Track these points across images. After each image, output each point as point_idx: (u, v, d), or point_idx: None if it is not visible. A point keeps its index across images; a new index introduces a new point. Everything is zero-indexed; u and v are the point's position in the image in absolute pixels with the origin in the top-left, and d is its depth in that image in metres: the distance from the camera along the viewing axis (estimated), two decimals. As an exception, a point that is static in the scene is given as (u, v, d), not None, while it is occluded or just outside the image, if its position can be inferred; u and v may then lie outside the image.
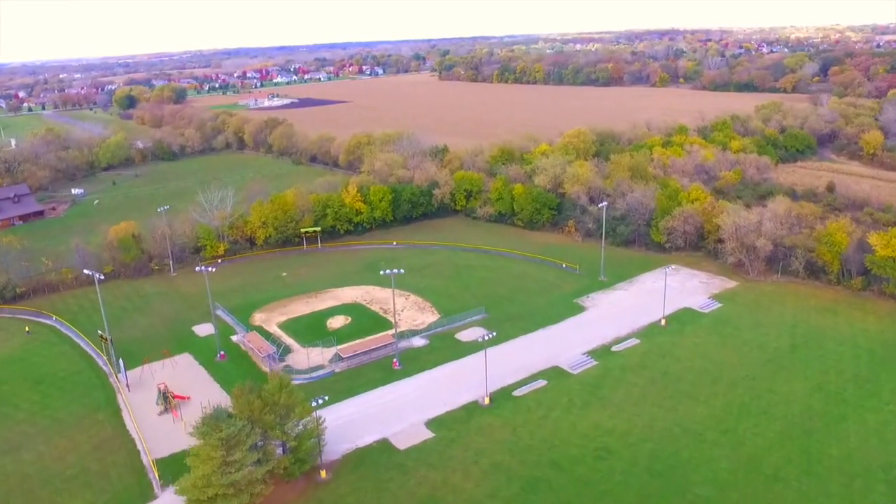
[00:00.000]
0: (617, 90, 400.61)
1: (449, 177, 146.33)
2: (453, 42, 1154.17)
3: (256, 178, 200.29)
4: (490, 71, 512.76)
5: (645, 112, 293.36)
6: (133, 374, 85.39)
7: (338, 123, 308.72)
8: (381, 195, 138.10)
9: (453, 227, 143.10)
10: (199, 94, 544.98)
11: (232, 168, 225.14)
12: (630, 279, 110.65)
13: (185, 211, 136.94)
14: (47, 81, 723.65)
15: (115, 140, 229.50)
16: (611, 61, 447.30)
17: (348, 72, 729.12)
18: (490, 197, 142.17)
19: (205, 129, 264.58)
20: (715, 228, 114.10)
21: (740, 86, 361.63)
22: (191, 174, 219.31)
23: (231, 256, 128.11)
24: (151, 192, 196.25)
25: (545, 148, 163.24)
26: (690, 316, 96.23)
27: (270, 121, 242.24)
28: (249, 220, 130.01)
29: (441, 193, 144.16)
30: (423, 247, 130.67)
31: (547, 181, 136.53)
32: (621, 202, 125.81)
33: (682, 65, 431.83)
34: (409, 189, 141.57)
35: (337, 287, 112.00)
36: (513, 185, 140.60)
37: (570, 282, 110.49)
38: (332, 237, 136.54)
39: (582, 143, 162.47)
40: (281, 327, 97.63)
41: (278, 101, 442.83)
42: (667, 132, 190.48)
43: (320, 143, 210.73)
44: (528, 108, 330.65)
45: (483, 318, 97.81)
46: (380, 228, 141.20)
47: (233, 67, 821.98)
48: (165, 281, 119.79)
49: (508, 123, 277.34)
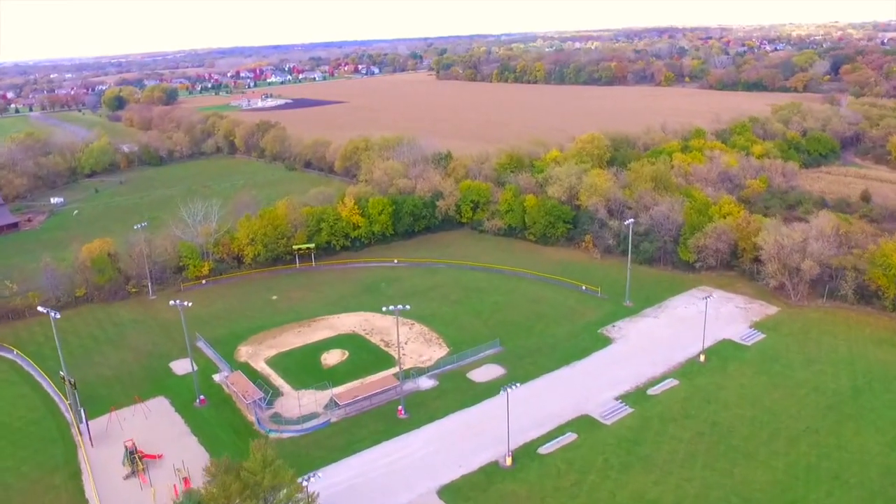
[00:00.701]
0: (621, 90, 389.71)
1: (454, 187, 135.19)
2: (450, 40, 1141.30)
3: (246, 187, 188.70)
4: (489, 70, 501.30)
5: (653, 113, 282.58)
6: (99, 423, 74.08)
7: (333, 125, 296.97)
8: (381, 207, 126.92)
9: (459, 241, 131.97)
10: (191, 95, 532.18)
11: (221, 174, 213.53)
12: (658, 304, 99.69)
13: (169, 225, 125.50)
14: (37, 82, 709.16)
15: (99, 145, 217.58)
16: (613, 60, 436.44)
17: (344, 71, 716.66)
18: (499, 209, 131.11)
19: (194, 133, 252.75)
20: (751, 247, 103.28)
21: (749, 85, 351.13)
22: (178, 181, 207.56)
23: (216, 277, 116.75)
24: (136, 200, 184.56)
25: (556, 154, 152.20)
26: (732, 350, 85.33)
27: (262, 124, 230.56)
28: (236, 236, 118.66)
29: (445, 205, 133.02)
30: (426, 265, 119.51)
31: (561, 192, 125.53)
32: (644, 216, 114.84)
33: (686, 63, 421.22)
34: (411, 200, 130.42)
35: (332, 314, 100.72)
36: (524, 195, 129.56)
37: (593, 307, 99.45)
38: (327, 254, 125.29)
39: (596, 149, 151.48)
40: (269, 364, 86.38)
41: (272, 102, 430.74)
42: (683, 136, 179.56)
43: (315, 148, 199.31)
44: (531, 109, 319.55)
45: (498, 352, 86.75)
46: (379, 244, 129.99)
47: (226, 67, 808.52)
48: (143, 306, 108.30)
49: (512, 125, 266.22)
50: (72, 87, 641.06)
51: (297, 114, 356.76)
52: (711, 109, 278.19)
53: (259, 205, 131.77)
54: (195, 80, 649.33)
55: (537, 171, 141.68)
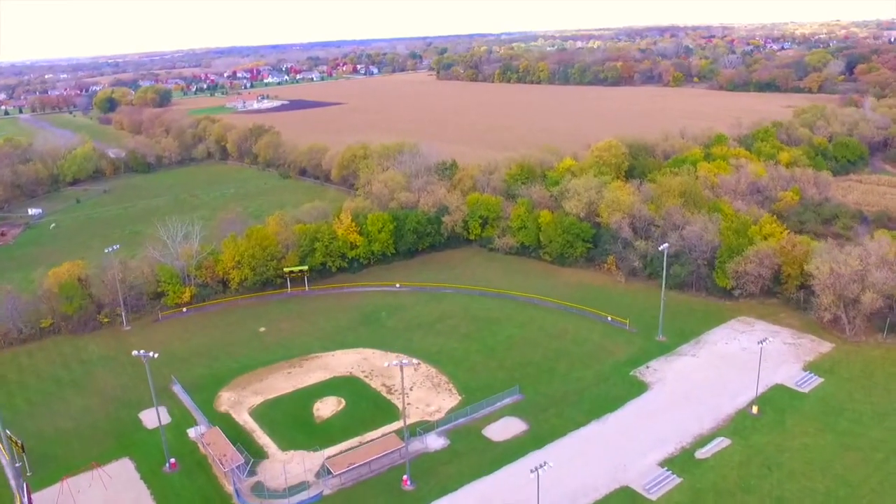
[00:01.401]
0: (628, 90, 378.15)
1: (460, 200, 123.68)
2: (449, 40, 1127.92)
3: (236, 198, 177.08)
4: (491, 70, 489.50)
5: (664, 115, 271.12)
6: (47, 496, 62.63)
7: (330, 128, 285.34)
8: (381, 224, 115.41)
9: (467, 261, 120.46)
10: (185, 96, 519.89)
11: (211, 182, 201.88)
12: (695, 338, 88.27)
13: (148, 243, 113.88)
14: (30, 83, 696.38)
15: (83, 151, 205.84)
16: (619, 59, 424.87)
17: (342, 71, 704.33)
18: (510, 225, 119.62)
19: (184, 138, 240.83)
20: (797, 273, 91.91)
21: (761, 85, 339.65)
22: (165, 189, 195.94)
23: (198, 304, 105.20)
24: (118, 212, 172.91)
25: (570, 164, 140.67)
26: (787, 398, 73.92)
27: (255, 128, 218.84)
28: (221, 258, 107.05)
29: (451, 221, 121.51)
30: (432, 289, 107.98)
31: (580, 208, 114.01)
32: (673, 235, 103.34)
33: (694, 63, 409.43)
34: (414, 216, 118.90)
35: (327, 350, 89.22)
36: (538, 211, 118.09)
37: (621, 343, 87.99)
38: (321, 276, 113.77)
39: (613, 158, 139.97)
40: (254, 415, 74.88)
41: (268, 104, 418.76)
42: (704, 142, 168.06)
43: (310, 155, 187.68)
44: (537, 111, 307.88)
45: (517, 401, 75.28)
46: (379, 264, 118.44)
47: (223, 67, 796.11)
48: (115, 338, 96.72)
49: (517, 129, 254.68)
50: (65, 88, 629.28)
51: (293, 116, 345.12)
52: (727, 112, 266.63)
53: (247, 221, 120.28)
54: (191, 81, 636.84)
55: (551, 182, 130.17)
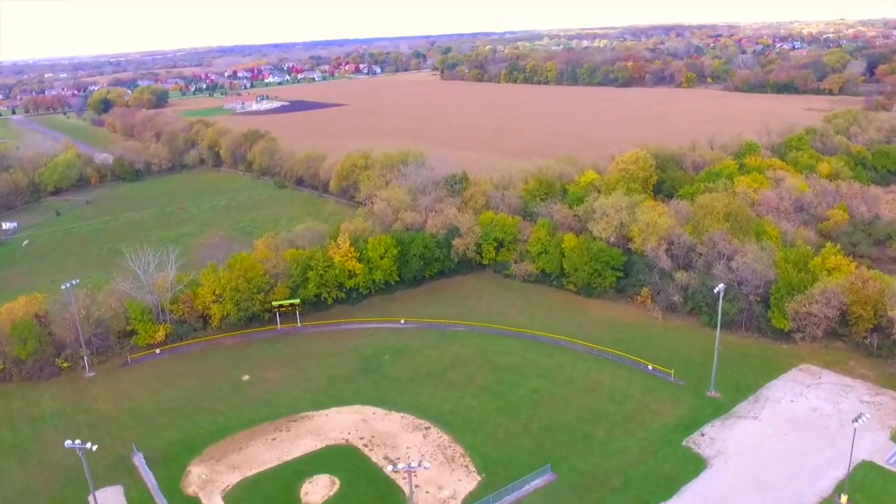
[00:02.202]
0: (639, 91, 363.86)
1: (472, 221, 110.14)
2: (453, 38, 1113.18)
3: (227, 211, 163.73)
4: (497, 70, 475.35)
5: (680, 118, 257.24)
6: None
7: (331, 132, 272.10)
8: (383, 249, 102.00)
9: (481, 290, 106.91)
10: (183, 96, 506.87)
11: (203, 191, 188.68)
12: (754, 394, 74.77)
13: (121, 269, 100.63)
14: (26, 82, 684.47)
15: (65, 158, 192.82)
16: (629, 59, 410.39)
17: (344, 71, 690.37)
18: (529, 250, 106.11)
19: (176, 142, 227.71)
20: (871, 314, 78.39)
21: (778, 87, 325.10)
22: (153, 200, 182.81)
23: (174, 344, 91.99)
24: (99, 226, 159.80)
25: (593, 177, 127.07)
26: (880, 482, 60.41)
27: (250, 133, 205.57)
28: (199, 291, 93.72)
29: (463, 244, 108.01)
30: (441, 326, 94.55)
31: (609, 231, 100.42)
32: (719, 266, 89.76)
33: (707, 63, 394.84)
34: (421, 239, 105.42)
35: (320, 407, 75.89)
36: (560, 233, 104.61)
37: (667, 399, 74.48)
38: (315, 309, 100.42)
39: (641, 172, 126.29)
40: (228, 500, 61.54)
41: (267, 105, 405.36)
42: (733, 151, 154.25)
43: (308, 163, 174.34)
44: (547, 113, 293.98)
45: (548, 482, 61.91)
46: (381, 294, 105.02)
47: (224, 66, 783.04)
48: (75, 388, 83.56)
49: (528, 133, 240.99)
50: (63, 87, 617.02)
51: (292, 118, 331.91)
52: (746, 115, 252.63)
53: (231, 246, 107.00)
54: (191, 81, 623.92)
55: (573, 199, 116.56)
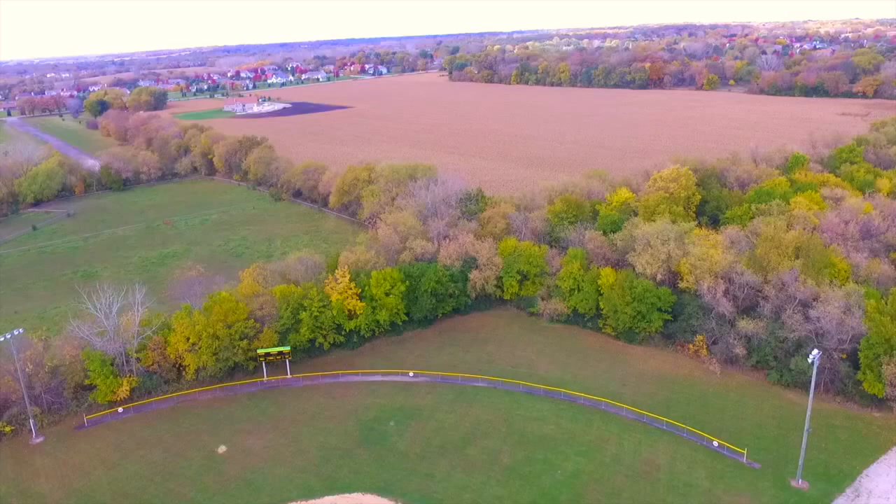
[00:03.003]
0: (658, 94, 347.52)
1: (492, 249, 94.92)
2: (460, 38, 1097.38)
3: (217, 226, 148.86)
4: (507, 71, 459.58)
5: (707, 124, 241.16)
6: None
7: (334, 137, 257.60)
8: (389, 285, 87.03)
9: (502, 332, 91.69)
10: (183, 98, 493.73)
11: (193, 204, 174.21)
12: (851, 484, 59.45)
13: (79, 314, 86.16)
14: (25, 83, 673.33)
15: (46, 168, 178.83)
16: (646, 60, 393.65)
17: (350, 71, 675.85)
18: (559, 285, 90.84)
19: (168, 149, 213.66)
20: None
21: (807, 89, 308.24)
22: (138, 213, 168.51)
23: (141, 401, 77.27)
24: (78, 243, 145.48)
25: (628, 196, 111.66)
26: None
27: (245, 140, 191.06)
28: (172, 337, 78.97)
29: (482, 278, 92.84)
30: (458, 381, 79.45)
31: (655, 266, 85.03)
32: (793, 313, 74.30)
33: (728, 65, 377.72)
34: (433, 273, 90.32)
35: (310, 495, 60.94)
36: (595, 266, 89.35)
37: (742, 489, 59.09)
38: (310, 355, 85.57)
39: (682, 190, 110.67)
40: None
41: (269, 107, 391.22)
42: (778, 164, 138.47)
43: (306, 175, 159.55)
44: (564, 118, 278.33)
45: None
46: (387, 336, 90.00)
47: (227, 66, 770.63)
48: (17, 459, 68.94)
49: (544, 139, 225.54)
50: (63, 88, 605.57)
51: (294, 122, 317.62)
52: (776, 121, 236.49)
53: (213, 279, 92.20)
54: (192, 81, 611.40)
55: (606, 222, 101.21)
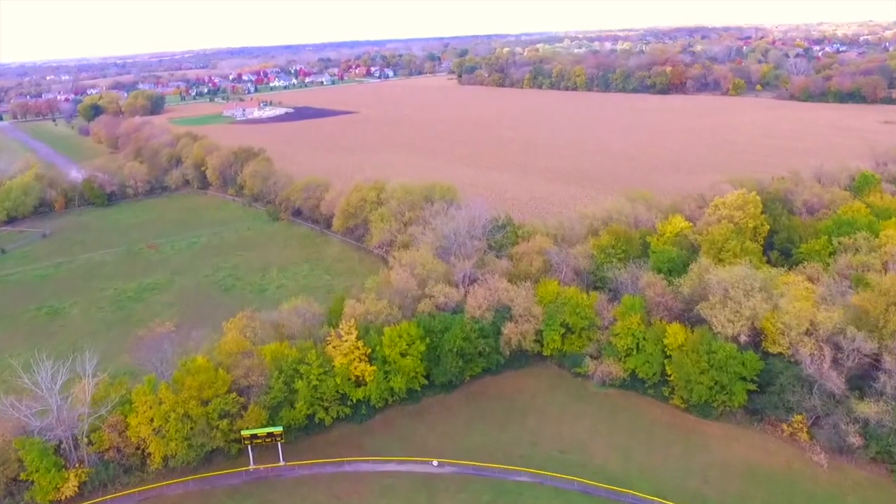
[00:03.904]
0: (682, 99, 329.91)
1: (530, 296, 77.93)
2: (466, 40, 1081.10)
3: (206, 251, 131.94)
4: (519, 74, 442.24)
5: (740, 133, 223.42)
6: None
7: (338, 146, 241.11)
8: (406, 343, 70.29)
9: (544, 400, 74.56)
10: (182, 102, 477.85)
11: (182, 223, 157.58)
12: None
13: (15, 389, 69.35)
14: (21, 86, 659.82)
15: (21, 182, 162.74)
16: (666, 63, 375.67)
17: (355, 74, 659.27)
18: (614, 343, 73.85)
19: (158, 160, 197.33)
20: None
21: (842, 95, 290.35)
22: (122, 232, 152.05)
23: (95, 499, 60.58)
24: (48, 271, 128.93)
25: (683, 226, 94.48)
26: None
27: (241, 152, 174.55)
28: (133, 418, 62.27)
29: (517, 332, 75.87)
30: (494, 473, 62.49)
31: (738, 325, 67.88)
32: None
33: (754, 69, 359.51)
34: (459, 327, 73.47)
35: None
36: (658, 319, 72.42)
37: None
38: (307, 432, 68.79)
39: (750, 220, 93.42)
40: None
41: (270, 112, 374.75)
42: (844, 184, 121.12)
43: (307, 192, 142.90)
44: (584, 125, 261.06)
45: None
46: (402, 404, 73.08)
47: (229, 69, 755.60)
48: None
49: (567, 150, 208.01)
50: (60, 91, 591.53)
51: (296, 128, 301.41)
52: (814, 129, 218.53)
53: (188, 335, 75.40)
54: (193, 84, 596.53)
55: (662, 261, 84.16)
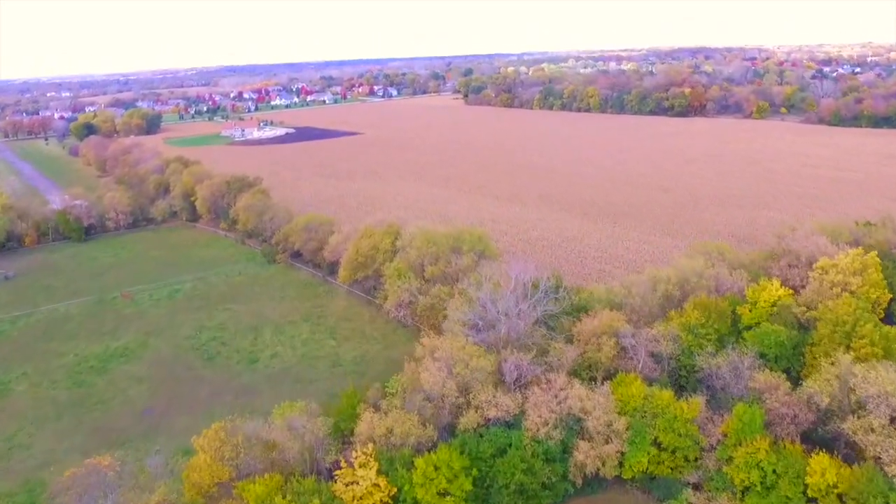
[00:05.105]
0: (704, 123, 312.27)
1: (608, 404, 57.62)
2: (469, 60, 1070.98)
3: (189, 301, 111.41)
4: (528, 94, 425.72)
5: (779, 162, 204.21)
6: None
7: (341, 171, 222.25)
8: (447, 477, 50.13)
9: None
10: (181, 120, 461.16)
11: (164, 264, 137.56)
12: None
13: None
14: (19, 103, 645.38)
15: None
16: (684, 84, 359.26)
17: (358, 93, 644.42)
18: (727, 474, 53.51)
19: (145, 187, 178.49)
20: None
21: (876, 119, 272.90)
22: (94, 277, 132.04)
23: None
24: (2, 328, 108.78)
25: (781, 294, 74.45)
26: None
27: (235, 181, 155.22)
28: None
29: (595, 456, 55.51)
30: None
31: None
32: None
33: (776, 90, 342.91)
34: (518, 455, 53.09)
35: None
36: (790, 443, 52.28)
37: None
38: None
39: (872, 289, 73.66)
40: None
41: (270, 132, 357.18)
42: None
43: (309, 233, 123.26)
44: (606, 150, 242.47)
45: None
46: (436, 561, 52.60)
47: (230, 86, 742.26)
48: None
49: (593, 179, 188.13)
50: (58, 108, 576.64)
51: (297, 151, 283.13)
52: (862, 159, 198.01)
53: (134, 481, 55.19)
54: (193, 101, 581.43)
55: (770, 344, 64.18)
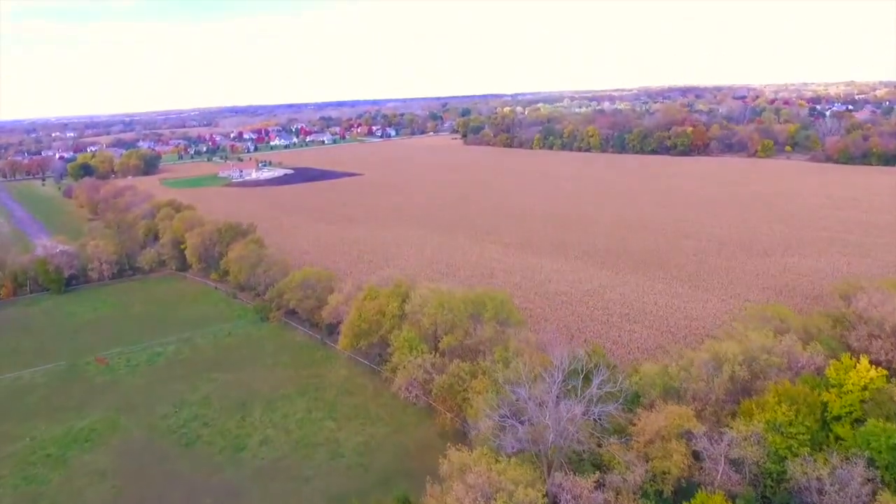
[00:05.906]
0: (710, 163, 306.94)
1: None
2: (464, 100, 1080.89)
3: (171, 369, 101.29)
4: (528, 134, 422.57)
5: (802, 206, 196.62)
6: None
7: (341, 215, 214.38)
8: None
9: None
10: (180, 161, 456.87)
11: (146, 320, 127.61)
12: None
13: None
14: (22, 143, 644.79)
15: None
16: (685, 123, 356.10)
17: (356, 133, 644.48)
18: None
19: (134, 233, 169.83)
20: None
21: (887, 157, 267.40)
22: (68, 336, 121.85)
23: None
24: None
25: (873, 376, 64.17)
26: None
27: (227, 230, 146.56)
28: None
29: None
30: None
31: None
32: None
33: (779, 129, 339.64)
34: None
35: None
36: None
37: None
38: None
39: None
40: None
41: (269, 173, 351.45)
42: None
43: (306, 290, 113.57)
44: (613, 193, 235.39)
45: None
46: None
47: (231, 127, 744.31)
48: None
49: (607, 225, 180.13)
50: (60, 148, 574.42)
51: (296, 193, 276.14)
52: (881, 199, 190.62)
53: None
54: (193, 142, 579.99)
55: (880, 447, 53.85)
